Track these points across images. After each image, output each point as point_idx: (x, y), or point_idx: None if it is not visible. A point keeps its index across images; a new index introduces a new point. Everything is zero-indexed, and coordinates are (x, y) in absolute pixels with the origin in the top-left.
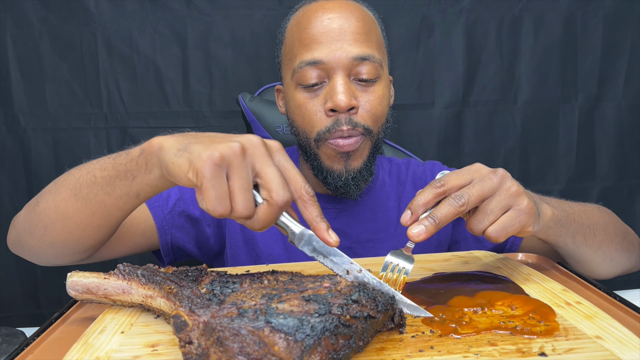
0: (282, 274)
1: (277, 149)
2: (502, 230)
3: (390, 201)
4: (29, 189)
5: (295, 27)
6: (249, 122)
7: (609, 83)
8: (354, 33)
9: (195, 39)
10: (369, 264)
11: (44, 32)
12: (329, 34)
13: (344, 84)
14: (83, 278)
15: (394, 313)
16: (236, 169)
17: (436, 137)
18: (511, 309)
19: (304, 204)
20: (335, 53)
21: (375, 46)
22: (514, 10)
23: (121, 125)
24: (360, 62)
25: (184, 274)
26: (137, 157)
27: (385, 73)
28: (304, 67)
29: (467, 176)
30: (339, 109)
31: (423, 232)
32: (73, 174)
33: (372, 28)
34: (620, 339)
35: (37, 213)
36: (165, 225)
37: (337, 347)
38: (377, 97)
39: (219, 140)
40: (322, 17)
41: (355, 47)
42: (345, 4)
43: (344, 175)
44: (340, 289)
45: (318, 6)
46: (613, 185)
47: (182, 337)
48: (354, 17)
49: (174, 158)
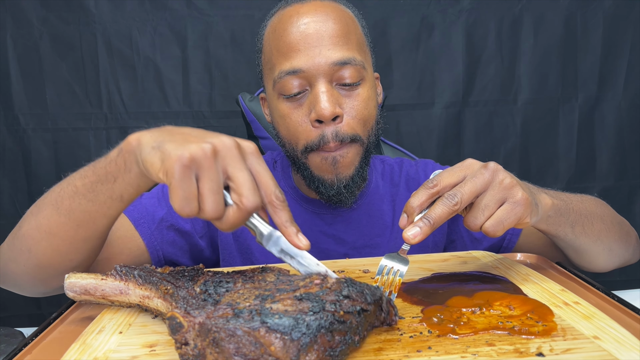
0: (269, 272)
1: (250, 152)
2: (498, 224)
3: (384, 205)
4: (29, 189)
5: (272, 35)
6: (248, 122)
7: (609, 83)
8: (331, 37)
9: (195, 39)
10: (367, 264)
11: (44, 32)
12: (306, 40)
13: (327, 91)
14: (81, 279)
15: (382, 302)
16: (206, 170)
17: (436, 137)
18: (509, 309)
19: (274, 209)
20: (314, 60)
21: (356, 47)
22: (514, 10)
23: (121, 125)
24: (341, 66)
25: (181, 274)
26: (115, 158)
27: (369, 73)
28: (284, 77)
29: (459, 173)
30: (323, 118)
31: (418, 233)
32: (53, 189)
33: (350, 28)
34: (618, 340)
35: (19, 237)
36: (154, 241)
37: (333, 343)
38: (362, 100)
39: (192, 139)
40: (297, 22)
41: (335, 51)
42: (320, 5)
43: (335, 184)
44: (330, 286)
45: (293, 11)
46: (613, 185)
47: (178, 338)
48: (331, 19)
49: (148, 156)
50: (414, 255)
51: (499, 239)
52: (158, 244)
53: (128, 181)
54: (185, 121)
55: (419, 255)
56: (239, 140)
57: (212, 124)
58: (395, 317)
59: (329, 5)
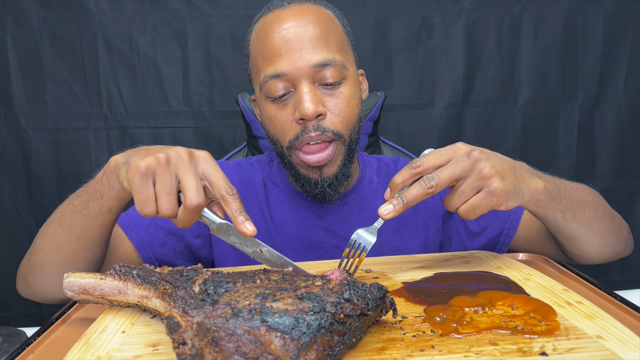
0: (274, 272)
1: (202, 158)
2: (471, 210)
3: (377, 199)
4: (29, 189)
5: (256, 41)
6: (248, 122)
7: (609, 83)
8: (311, 40)
9: (196, 39)
10: (369, 264)
11: (44, 32)
12: (287, 45)
13: (309, 92)
14: (79, 279)
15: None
16: (160, 176)
17: (436, 137)
18: (512, 309)
19: (225, 202)
20: (296, 63)
21: (336, 48)
22: (514, 10)
23: (121, 125)
24: (322, 68)
25: (179, 273)
26: (101, 178)
27: (351, 71)
28: (269, 81)
29: (445, 157)
30: (307, 117)
31: (391, 210)
32: (57, 209)
33: (330, 30)
34: (621, 339)
35: (34, 252)
36: (143, 243)
37: (332, 343)
38: (345, 98)
39: (151, 152)
40: (278, 28)
41: (315, 54)
42: (300, 10)
43: (319, 183)
44: (332, 287)
45: (274, 17)
46: (613, 185)
47: (176, 338)
48: (310, 23)
49: (120, 171)
50: (417, 256)
51: (496, 233)
52: (148, 246)
53: (112, 196)
54: (185, 121)
55: (421, 255)
56: (193, 150)
57: (212, 124)
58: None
59: (308, 9)
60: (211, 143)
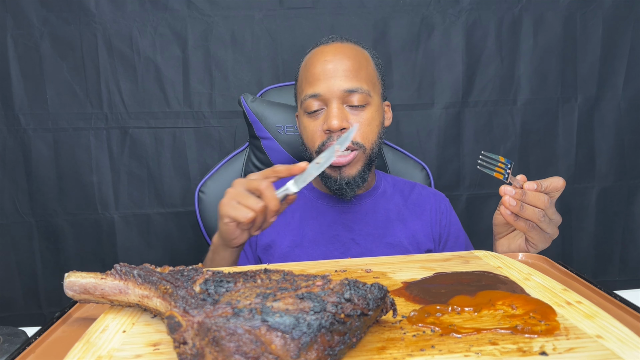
0: (275, 272)
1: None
2: None
3: (390, 204)
4: (29, 189)
5: (304, 68)
6: (250, 123)
7: (608, 83)
8: (344, 71)
9: (196, 40)
10: (369, 264)
11: (45, 32)
12: (325, 73)
13: (337, 109)
14: (80, 278)
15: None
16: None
17: (436, 137)
18: (512, 309)
19: (274, 171)
20: (330, 87)
21: (364, 80)
22: (514, 11)
23: (121, 125)
24: (350, 93)
25: (180, 273)
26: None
27: (375, 100)
28: (308, 99)
29: None
30: (332, 128)
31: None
32: None
33: (362, 65)
34: (621, 338)
35: None
36: None
37: (333, 343)
38: (367, 119)
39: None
40: (321, 59)
41: (346, 82)
42: (340, 47)
43: (338, 180)
44: (332, 287)
45: (319, 51)
46: (612, 186)
47: (176, 337)
48: (346, 57)
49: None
50: (417, 256)
51: None
52: None
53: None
54: (186, 121)
55: (421, 255)
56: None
57: (212, 124)
58: (395, 314)
59: (347, 46)
60: (211, 143)
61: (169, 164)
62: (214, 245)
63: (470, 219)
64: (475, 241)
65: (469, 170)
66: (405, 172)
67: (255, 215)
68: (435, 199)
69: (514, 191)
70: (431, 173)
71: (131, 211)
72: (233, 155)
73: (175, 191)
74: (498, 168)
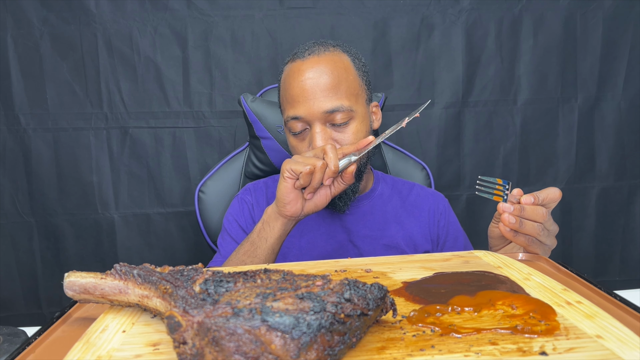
0: (275, 272)
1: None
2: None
3: (388, 206)
4: (29, 189)
5: (283, 85)
6: (250, 122)
7: (608, 83)
8: (323, 90)
9: (196, 40)
10: (369, 264)
11: (45, 32)
12: (304, 94)
13: (320, 132)
14: (80, 278)
15: (385, 308)
16: None
17: (436, 137)
18: (512, 309)
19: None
20: (310, 109)
21: (345, 95)
22: (514, 11)
23: (121, 125)
24: (331, 113)
25: (180, 273)
26: (261, 227)
27: (359, 112)
28: (290, 121)
29: None
30: None
31: (509, 209)
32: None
33: (342, 78)
34: (621, 339)
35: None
36: None
37: (333, 343)
38: (353, 133)
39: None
40: (298, 78)
41: (326, 102)
42: (316, 61)
43: None
44: (332, 287)
45: (296, 68)
46: (612, 185)
47: (176, 337)
48: (324, 73)
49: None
50: (417, 256)
51: None
52: None
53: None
54: (186, 121)
55: (421, 255)
56: None
57: (212, 124)
58: (395, 314)
59: (324, 59)
60: (211, 143)
61: (169, 164)
62: (266, 215)
63: (470, 219)
64: (475, 241)
65: (469, 170)
66: (405, 172)
67: (314, 169)
68: (433, 200)
69: (512, 207)
70: (431, 173)
71: (131, 211)
72: (233, 155)
73: (175, 191)
74: (497, 191)
